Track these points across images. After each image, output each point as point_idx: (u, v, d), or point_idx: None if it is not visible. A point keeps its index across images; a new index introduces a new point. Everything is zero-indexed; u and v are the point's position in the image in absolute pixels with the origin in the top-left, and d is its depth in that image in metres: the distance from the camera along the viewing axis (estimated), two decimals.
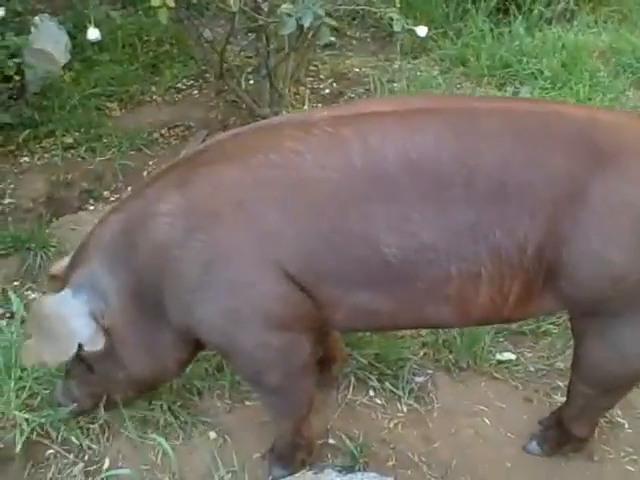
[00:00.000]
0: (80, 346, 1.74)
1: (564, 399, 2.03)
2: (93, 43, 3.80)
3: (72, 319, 1.76)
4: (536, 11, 4.74)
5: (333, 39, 4.96)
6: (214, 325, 1.73)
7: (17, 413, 2.12)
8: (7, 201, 3.35)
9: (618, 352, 1.72)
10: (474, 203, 1.55)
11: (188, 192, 1.69)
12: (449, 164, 1.56)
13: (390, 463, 2.02)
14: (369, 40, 4.98)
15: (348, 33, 5.08)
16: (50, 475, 2.11)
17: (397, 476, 1.92)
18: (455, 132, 1.58)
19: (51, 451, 2.16)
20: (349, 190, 1.59)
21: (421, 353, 2.36)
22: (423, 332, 2.41)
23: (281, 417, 1.98)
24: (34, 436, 2.14)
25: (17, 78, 3.92)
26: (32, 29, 3.93)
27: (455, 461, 2.04)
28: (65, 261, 1.94)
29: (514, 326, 2.44)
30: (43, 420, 2.12)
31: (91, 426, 2.16)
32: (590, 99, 3.86)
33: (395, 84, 4.21)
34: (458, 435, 2.12)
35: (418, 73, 4.33)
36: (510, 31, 4.52)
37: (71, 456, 2.14)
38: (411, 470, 2.02)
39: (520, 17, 4.66)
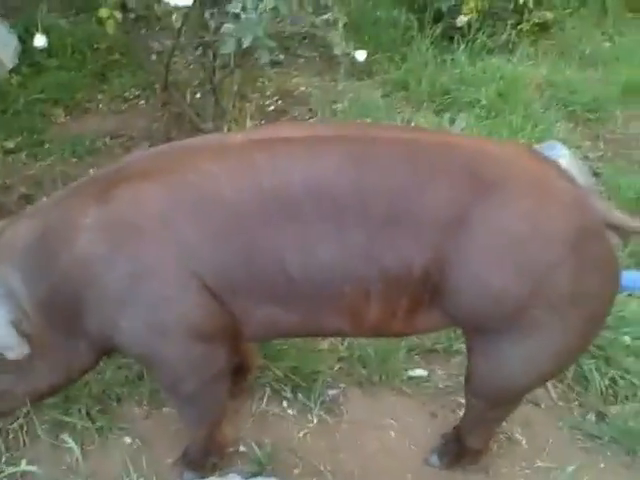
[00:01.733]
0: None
1: None
2: (42, 49, 3.88)
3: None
4: (479, 41, 4.92)
5: (282, 56, 5.08)
6: (138, 337, 1.80)
7: None
8: None
9: (500, 368, 1.85)
10: (367, 227, 1.67)
11: (109, 206, 1.75)
12: (346, 190, 1.68)
13: (296, 471, 2.12)
14: (317, 59, 5.08)
15: (298, 52, 5.20)
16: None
17: None
18: (353, 160, 1.70)
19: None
20: (258, 210, 1.69)
21: (336, 367, 2.46)
22: (340, 347, 2.52)
23: (195, 424, 2.06)
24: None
25: None
26: None
27: (358, 471, 2.14)
28: None
29: (428, 343, 2.57)
30: None
31: (10, 427, 2.21)
32: (523, 129, 4.02)
33: (338, 105, 4.34)
34: (364, 447, 2.23)
35: (361, 95, 4.45)
36: (453, 59, 4.69)
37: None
38: (316, 478, 2.11)
39: (463, 46, 4.83)
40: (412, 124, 4.06)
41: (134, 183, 1.77)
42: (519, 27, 4.98)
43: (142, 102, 4.39)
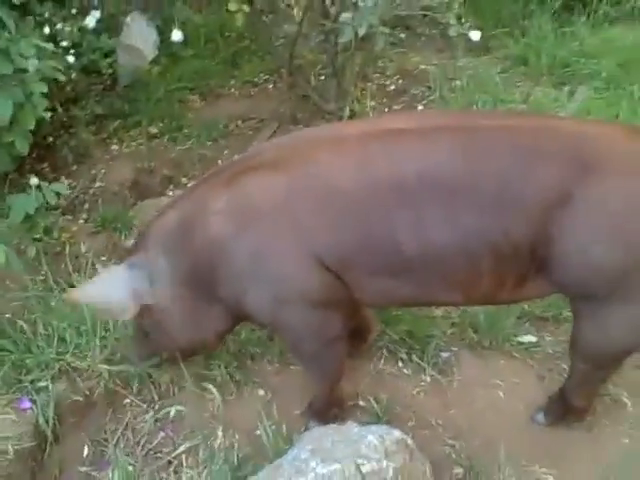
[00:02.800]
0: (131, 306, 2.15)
1: None
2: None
3: (115, 289, 2.16)
4: (602, 11, 4.89)
5: (403, 35, 5.25)
6: (263, 306, 2.08)
7: (100, 366, 2.54)
8: (97, 185, 3.79)
9: (603, 332, 2.00)
10: (477, 209, 1.86)
11: (237, 192, 2.02)
12: (458, 177, 1.87)
13: (410, 424, 2.33)
14: (437, 38, 5.20)
15: (418, 31, 5.34)
16: (126, 420, 2.51)
17: (415, 435, 2.20)
18: (463, 148, 1.88)
19: (128, 400, 2.56)
20: (373, 198, 1.91)
21: (449, 332, 2.64)
22: (453, 313, 2.71)
23: (317, 380, 2.32)
24: (114, 387, 2.55)
25: (109, 72, 4.36)
26: (124, 27, 4.36)
27: (467, 426, 2.33)
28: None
29: (537, 311, 2.71)
30: (122, 373, 2.53)
31: (161, 379, 2.55)
32: None
33: (456, 82, 4.45)
34: (473, 404, 2.41)
35: (480, 71, 4.55)
36: (572, 31, 4.69)
37: (144, 405, 2.53)
38: (428, 430, 2.32)
39: (584, 17, 4.82)
40: (530, 98, 4.13)
41: (260, 172, 2.02)
42: None
43: (270, 86, 4.68)
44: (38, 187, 2.41)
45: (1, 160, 2.74)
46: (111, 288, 2.18)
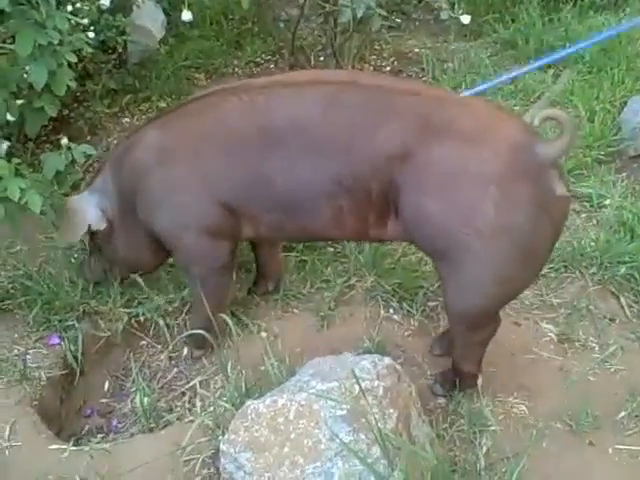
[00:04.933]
0: (89, 226, 2.59)
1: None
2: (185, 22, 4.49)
3: (86, 210, 2.60)
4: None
5: (399, 20, 5.51)
6: (166, 228, 2.48)
7: (120, 310, 2.81)
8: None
9: (459, 294, 2.20)
10: (333, 155, 2.19)
11: (163, 134, 2.44)
12: (321, 126, 2.19)
13: (399, 361, 2.57)
14: (431, 22, 5.46)
15: (414, 16, 5.59)
16: (143, 359, 2.79)
17: (404, 370, 2.44)
18: (327, 101, 2.20)
19: (144, 342, 2.85)
20: (256, 141, 2.26)
21: (436, 285, 2.91)
22: None
23: (199, 303, 2.53)
24: (132, 329, 2.83)
25: (120, 50, 4.60)
26: (134, 8, 4.60)
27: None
28: None
29: None
30: (139, 317, 2.81)
31: (175, 322, 2.83)
32: (623, 82, 4.27)
33: (449, 64, 4.72)
34: None
35: (471, 54, 4.81)
36: (559, 18, 4.96)
37: (159, 346, 2.82)
38: (415, 367, 2.60)
39: (571, 5, 5.09)
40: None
41: (182, 119, 2.41)
42: None
43: (272, 66, 4.92)
44: (68, 148, 2.67)
45: (32, 123, 2.99)
46: (83, 213, 2.60)
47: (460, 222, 2.08)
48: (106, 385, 2.73)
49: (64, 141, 2.74)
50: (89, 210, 2.60)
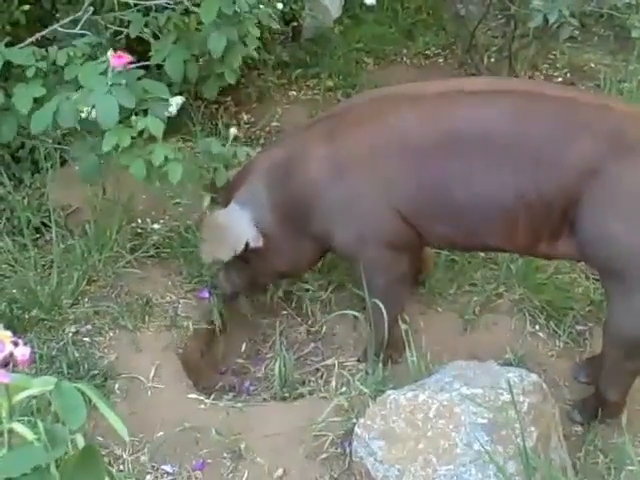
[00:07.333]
0: (247, 244, 2.46)
1: None
2: (362, 4, 4.55)
3: (240, 225, 2.47)
4: None
5: (577, 32, 5.32)
6: (347, 242, 2.44)
7: None
8: (274, 124, 4.12)
9: (633, 318, 2.11)
10: (517, 168, 2.12)
11: (333, 144, 2.36)
12: (509, 137, 2.12)
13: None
14: (611, 39, 5.25)
15: (593, 29, 5.39)
16: (281, 328, 2.84)
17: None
18: (515, 111, 2.14)
19: (285, 312, 2.91)
20: (437, 150, 2.20)
21: (586, 309, 2.81)
22: (591, 294, 2.87)
23: (380, 314, 2.48)
24: (277, 298, 2.90)
25: (295, 24, 4.68)
26: None
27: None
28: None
29: None
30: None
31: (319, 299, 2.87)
32: None
33: (625, 84, 4.52)
34: None
35: None
36: None
37: (299, 319, 2.89)
38: (554, 389, 2.51)
39: None
40: None
41: (353, 127, 2.34)
42: None
43: (440, 60, 4.87)
44: (235, 139, 2.75)
45: (210, 87, 3.09)
46: (237, 229, 2.47)
47: None
48: (243, 346, 2.81)
49: (232, 130, 2.77)
50: (243, 226, 2.47)
